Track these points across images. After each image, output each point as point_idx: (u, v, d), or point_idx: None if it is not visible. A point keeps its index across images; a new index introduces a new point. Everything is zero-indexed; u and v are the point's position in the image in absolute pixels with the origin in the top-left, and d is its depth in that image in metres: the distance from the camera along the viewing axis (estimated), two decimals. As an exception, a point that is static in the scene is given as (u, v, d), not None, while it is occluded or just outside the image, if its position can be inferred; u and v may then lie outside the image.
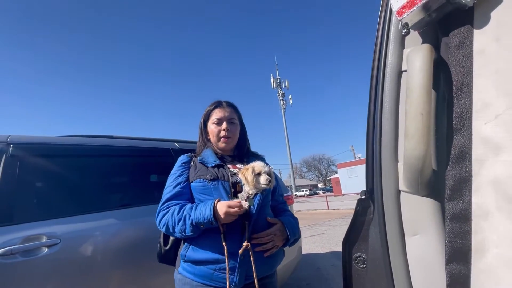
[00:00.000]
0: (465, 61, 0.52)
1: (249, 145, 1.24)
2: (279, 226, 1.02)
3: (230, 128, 1.11)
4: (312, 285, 3.12)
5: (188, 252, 0.97)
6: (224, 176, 1.02)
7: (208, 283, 0.92)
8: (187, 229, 0.92)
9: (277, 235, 0.99)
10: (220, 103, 1.15)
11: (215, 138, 1.12)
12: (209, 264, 0.92)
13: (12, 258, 1.19)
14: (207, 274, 0.92)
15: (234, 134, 1.13)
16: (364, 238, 0.75)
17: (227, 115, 1.12)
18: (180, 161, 1.13)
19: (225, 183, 1.00)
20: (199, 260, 0.94)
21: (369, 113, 0.74)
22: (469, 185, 0.51)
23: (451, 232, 0.52)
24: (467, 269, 0.50)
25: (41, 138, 1.59)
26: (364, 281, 0.74)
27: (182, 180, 1.06)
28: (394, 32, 0.66)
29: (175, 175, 1.08)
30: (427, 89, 0.54)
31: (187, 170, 1.09)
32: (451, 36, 0.55)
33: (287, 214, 1.14)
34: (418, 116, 0.55)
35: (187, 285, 0.96)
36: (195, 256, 0.95)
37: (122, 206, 1.67)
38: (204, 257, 0.93)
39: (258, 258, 0.93)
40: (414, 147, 0.56)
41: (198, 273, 0.94)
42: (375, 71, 0.72)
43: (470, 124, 0.51)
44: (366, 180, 0.76)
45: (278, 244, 0.99)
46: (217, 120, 1.11)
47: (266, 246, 0.96)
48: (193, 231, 0.92)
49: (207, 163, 1.06)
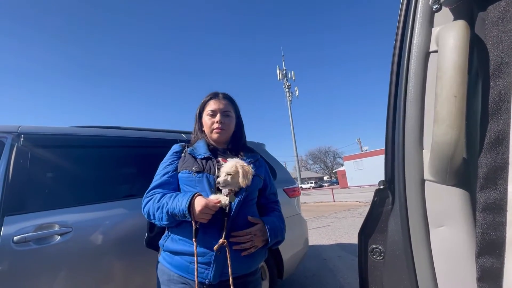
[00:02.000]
0: (505, 38, 0.48)
1: (245, 139, 1.21)
2: (260, 226, 0.98)
3: (223, 120, 1.09)
4: (318, 276, 3.13)
5: (166, 242, 0.97)
6: (211, 169, 0.99)
7: (184, 275, 0.91)
8: (164, 217, 0.92)
9: (257, 235, 0.96)
10: (216, 95, 1.13)
11: (209, 129, 1.10)
12: (185, 256, 0.91)
13: (26, 246, 1.21)
14: (183, 265, 0.91)
15: (228, 126, 1.11)
16: (381, 230, 0.72)
17: (222, 107, 1.10)
18: (172, 150, 1.13)
19: (210, 177, 0.97)
20: (176, 251, 0.93)
21: (389, 98, 0.70)
22: (505, 173, 0.47)
23: (484, 224, 0.49)
24: (500, 263, 0.47)
25: (51, 129, 1.59)
26: (381, 273, 0.72)
27: (170, 170, 1.05)
28: (423, 9, 0.60)
29: (165, 163, 1.08)
30: (462, 69, 0.50)
31: (177, 160, 1.08)
32: (489, 10, 0.50)
33: (274, 214, 1.09)
34: (450, 99, 0.50)
35: (165, 274, 0.96)
36: (173, 246, 0.94)
37: (131, 196, 1.68)
38: (180, 248, 0.92)
39: (235, 256, 0.90)
40: (444, 132, 0.52)
41: (175, 263, 0.93)
42: (397, 52, 0.67)
43: (509, 106, 0.46)
44: (385, 170, 0.72)
45: (258, 244, 0.96)
46: (211, 112, 1.09)
47: (244, 245, 0.92)
48: (169, 220, 0.91)
49: (196, 155, 1.04)
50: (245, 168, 0.95)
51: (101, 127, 1.87)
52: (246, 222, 0.97)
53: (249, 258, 0.95)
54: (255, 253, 0.97)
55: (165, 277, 0.95)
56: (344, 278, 2.97)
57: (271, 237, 0.98)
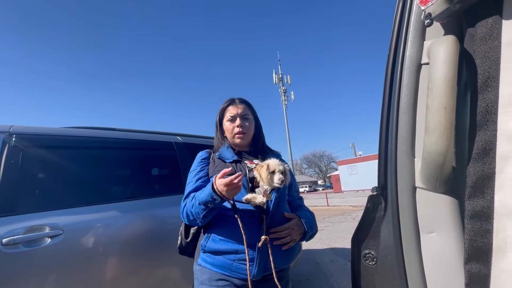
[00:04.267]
0: (492, 54, 0.50)
1: (264, 140, 1.26)
2: (296, 220, 1.03)
3: (243, 124, 1.14)
4: (311, 280, 3.14)
5: (208, 242, 0.99)
6: (242, 171, 1.03)
7: (227, 274, 0.94)
8: (199, 211, 0.94)
9: (295, 229, 1.01)
10: (233, 101, 1.18)
11: (231, 134, 1.15)
12: (228, 255, 0.94)
13: (15, 248, 1.18)
14: (226, 264, 0.94)
15: (249, 129, 1.16)
16: (374, 235, 0.74)
17: (240, 112, 1.14)
18: (200, 157, 1.16)
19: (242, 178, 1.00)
20: (219, 250, 0.96)
21: (383, 107, 0.72)
22: (492, 182, 0.49)
23: (472, 231, 0.51)
24: (487, 269, 0.49)
25: (43, 129, 1.57)
26: (374, 278, 0.73)
27: (202, 175, 1.09)
28: (415, 23, 0.63)
29: (196, 170, 1.11)
30: (452, 82, 0.52)
31: (206, 166, 1.12)
32: (478, 27, 0.53)
33: (303, 209, 1.15)
34: (441, 110, 0.52)
35: (206, 274, 0.97)
36: (215, 246, 0.97)
37: (124, 199, 1.67)
38: (223, 247, 0.95)
39: (276, 251, 0.95)
40: (435, 142, 0.54)
41: (217, 263, 0.95)
42: (391, 63, 0.69)
43: (496, 119, 0.49)
44: (378, 176, 0.74)
45: (296, 238, 1.01)
46: (231, 117, 1.14)
47: (284, 240, 0.97)
48: (205, 211, 0.94)
49: (225, 159, 1.09)
50: (286, 167, 1.01)
51: (95, 128, 1.86)
52: (282, 217, 1.02)
53: (289, 252, 1.01)
54: (293, 247, 1.02)
55: (206, 276, 0.97)
56: (337, 282, 2.98)
57: (308, 229, 1.03)
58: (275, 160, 1.02)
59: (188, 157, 1.98)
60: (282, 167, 0.99)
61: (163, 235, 1.64)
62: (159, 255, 1.60)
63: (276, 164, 0.98)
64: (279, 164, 0.99)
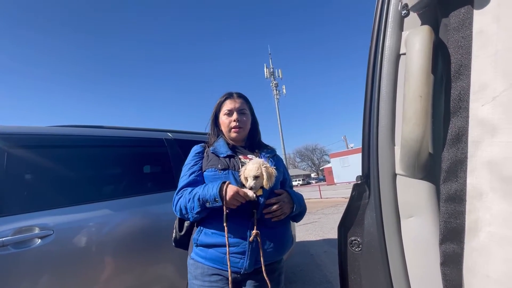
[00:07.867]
0: (464, 43, 0.52)
1: (260, 136, 1.26)
2: (286, 194, 1.06)
3: (240, 118, 1.14)
4: (305, 271, 3.21)
5: (200, 236, 1.01)
6: (235, 167, 1.05)
7: (219, 267, 0.96)
8: (195, 206, 0.96)
9: (285, 201, 1.03)
10: (231, 95, 1.18)
11: (227, 129, 1.15)
12: (220, 248, 0.96)
13: (4, 250, 1.17)
14: (218, 258, 0.96)
15: (245, 124, 1.16)
16: (359, 222, 0.76)
17: (238, 106, 1.15)
18: (194, 151, 1.17)
19: (235, 173, 1.03)
20: (211, 244, 0.97)
21: (365, 97, 0.74)
22: (465, 166, 0.51)
23: (446, 213, 0.53)
24: (460, 248, 0.52)
25: (29, 128, 1.53)
26: (359, 264, 0.76)
27: (196, 169, 1.09)
28: (393, 14, 0.64)
29: (190, 164, 1.12)
30: (426, 71, 0.54)
31: (200, 160, 1.13)
32: (451, 17, 0.54)
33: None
34: (416, 98, 0.54)
35: (199, 269, 0.99)
36: (207, 240, 0.98)
37: (115, 197, 1.65)
38: (215, 241, 0.96)
39: (268, 245, 0.98)
40: (411, 130, 0.56)
41: (210, 257, 0.97)
42: (373, 54, 0.71)
43: (468, 106, 0.51)
44: (362, 165, 0.76)
45: (286, 211, 1.03)
46: (228, 111, 1.15)
47: (275, 213, 1.00)
48: (200, 208, 0.95)
49: (219, 153, 1.09)
50: (269, 171, 1.00)
51: (83, 127, 1.82)
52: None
53: (280, 246, 1.03)
54: (285, 241, 1.05)
55: (199, 271, 0.99)
56: (330, 272, 3.06)
57: (295, 203, 1.06)
58: (256, 162, 0.99)
59: (179, 154, 1.97)
60: (259, 172, 0.95)
61: (155, 232, 1.64)
62: (152, 252, 1.61)
63: (251, 169, 0.96)
64: (256, 169, 0.95)
